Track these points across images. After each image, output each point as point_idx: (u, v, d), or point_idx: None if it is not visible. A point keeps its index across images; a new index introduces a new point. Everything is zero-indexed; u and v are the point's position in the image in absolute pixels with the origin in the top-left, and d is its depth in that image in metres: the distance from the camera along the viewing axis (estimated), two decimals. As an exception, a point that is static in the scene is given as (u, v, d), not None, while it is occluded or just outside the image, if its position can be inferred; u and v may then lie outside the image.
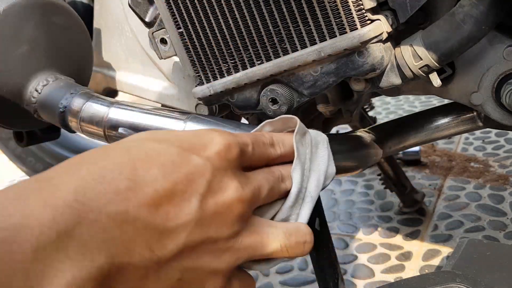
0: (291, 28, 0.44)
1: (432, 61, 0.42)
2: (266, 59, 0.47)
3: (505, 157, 1.08)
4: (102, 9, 0.72)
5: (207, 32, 0.48)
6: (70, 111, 0.56)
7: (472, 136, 1.21)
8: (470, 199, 0.93)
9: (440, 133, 0.57)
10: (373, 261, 0.81)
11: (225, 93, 0.51)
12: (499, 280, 0.44)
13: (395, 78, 0.44)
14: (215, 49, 0.49)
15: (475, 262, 0.47)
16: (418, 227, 0.88)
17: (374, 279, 0.76)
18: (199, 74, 0.52)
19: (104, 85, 0.77)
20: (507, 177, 0.99)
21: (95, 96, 0.56)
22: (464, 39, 0.40)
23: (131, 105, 0.54)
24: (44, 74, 0.60)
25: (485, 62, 0.45)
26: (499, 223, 0.84)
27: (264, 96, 0.49)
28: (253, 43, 0.47)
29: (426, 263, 0.78)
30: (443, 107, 0.57)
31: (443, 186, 1.00)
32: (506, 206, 0.88)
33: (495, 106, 0.46)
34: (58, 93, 0.58)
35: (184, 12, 0.48)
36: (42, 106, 0.59)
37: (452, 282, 0.43)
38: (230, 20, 0.47)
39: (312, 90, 0.47)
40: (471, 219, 0.87)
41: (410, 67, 0.43)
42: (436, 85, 0.43)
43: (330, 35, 0.43)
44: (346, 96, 0.57)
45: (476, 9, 0.39)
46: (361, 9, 0.41)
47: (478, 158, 1.10)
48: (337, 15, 0.42)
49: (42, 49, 0.60)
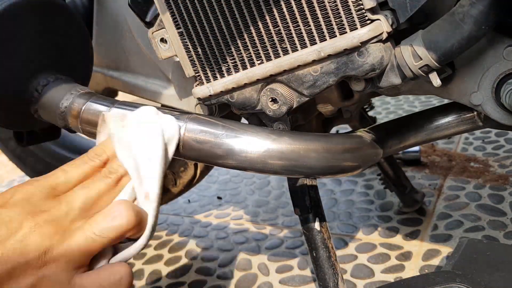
0: (291, 28, 0.45)
1: (432, 61, 0.42)
2: (266, 59, 0.47)
3: (505, 157, 1.08)
4: (102, 9, 0.72)
5: (207, 32, 0.48)
6: (70, 111, 0.56)
7: (472, 136, 1.22)
8: (470, 199, 0.93)
9: (440, 133, 0.57)
10: (373, 261, 0.81)
11: (225, 93, 0.51)
12: (499, 280, 0.44)
13: (395, 78, 0.44)
14: (215, 49, 0.49)
15: (475, 262, 0.47)
16: (418, 227, 0.88)
17: (374, 279, 0.76)
18: (199, 74, 0.52)
19: (104, 85, 0.77)
20: (507, 177, 0.99)
21: (96, 96, 0.56)
22: (463, 39, 0.40)
23: (132, 105, 0.54)
24: (44, 74, 0.60)
25: (485, 62, 0.45)
26: (499, 223, 0.84)
27: (264, 96, 0.49)
28: (253, 43, 0.47)
29: (426, 263, 0.78)
30: (443, 107, 0.57)
31: (443, 186, 1.00)
32: (506, 206, 0.88)
33: (495, 106, 0.46)
34: (58, 93, 0.58)
35: (184, 12, 0.48)
36: (42, 106, 0.59)
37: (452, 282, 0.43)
38: (230, 20, 0.47)
39: (312, 90, 0.47)
40: (471, 219, 0.87)
41: (410, 67, 0.43)
42: (436, 85, 0.43)
43: (330, 35, 0.43)
44: (346, 96, 0.57)
45: (476, 9, 0.39)
46: (361, 9, 0.41)
47: (478, 158, 1.10)
48: (337, 15, 0.42)
49: (42, 49, 0.60)
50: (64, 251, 0.37)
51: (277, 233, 0.95)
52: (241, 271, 0.85)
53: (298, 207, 0.60)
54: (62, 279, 0.37)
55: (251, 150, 0.45)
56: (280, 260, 0.86)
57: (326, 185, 1.11)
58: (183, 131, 0.47)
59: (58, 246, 0.37)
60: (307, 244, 0.61)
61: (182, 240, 1.00)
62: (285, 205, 1.06)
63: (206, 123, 0.47)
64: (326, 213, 0.83)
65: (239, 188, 1.19)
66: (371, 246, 0.85)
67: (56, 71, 0.61)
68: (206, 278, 0.85)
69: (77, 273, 0.38)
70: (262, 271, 0.84)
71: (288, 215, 1.01)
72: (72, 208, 0.40)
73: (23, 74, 0.59)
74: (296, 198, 0.61)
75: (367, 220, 0.93)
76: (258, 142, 0.46)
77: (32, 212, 0.38)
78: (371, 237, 0.88)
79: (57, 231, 0.38)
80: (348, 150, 0.50)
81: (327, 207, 1.00)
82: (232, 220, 1.05)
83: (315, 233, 0.59)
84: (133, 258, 0.96)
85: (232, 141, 0.45)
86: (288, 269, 0.83)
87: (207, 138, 0.46)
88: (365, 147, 0.52)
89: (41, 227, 0.37)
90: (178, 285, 0.85)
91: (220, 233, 1.00)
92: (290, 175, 0.49)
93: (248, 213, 1.06)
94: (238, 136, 0.46)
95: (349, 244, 0.87)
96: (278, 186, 1.16)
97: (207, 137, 0.46)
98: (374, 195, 1.03)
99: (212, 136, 0.46)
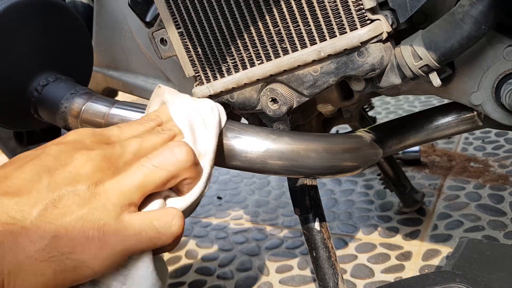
0: (291, 28, 0.45)
1: (432, 61, 0.42)
2: (266, 59, 0.47)
3: (505, 157, 1.08)
4: (102, 9, 0.72)
5: (207, 32, 0.48)
6: (70, 111, 0.56)
7: (472, 136, 1.22)
8: (470, 199, 0.93)
9: (440, 133, 0.57)
10: (373, 261, 0.81)
11: (225, 93, 0.51)
12: (499, 280, 0.44)
13: (395, 78, 0.44)
14: (215, 49, 0.49)
15: (475, 262, 0.47)
16: (418, 227, 0.88)
17: (374, 279, 0.76)
18: (199, 74, 0.52)
19: (104, 85, 0.77)
20: (507, 177, 0.99)
21: (96, 96, 0.56)
22: (463, 39, 0.40)
23: (132, 105, 0.54)
24: (44, 74, 0.60)
25: (485, 62, 0.45)
26: (499, 223, 0.84)
27: (264, 96, 0.49)
28: (253, 43, 0.47)
29: (426, 263, 0.78)
30: (443, 107, 0.57)
31: (443, 186, 1.00)
32: (506, 206, 0.88)
33: (495, 106, 0.46)
34: (59, 93, 0.58)
35: (184, 12, 0.48)
36: (42, 106, 0.59)
37: (452, 282, 0.43)
38: (230, 20, 0.47)
39: (312, 90, 0.47)
40: (471, 219, 0.87)
41: (410, 67, 0.43)
42: (436, 85, 0.43)
43: (330, 35, 0.43)
44: (346, 96, 0.57)
45: (476, 9, 0.39)
46: (361, 9, 0.41)
47: (478, 158, 1.10)
48: (337, 15, 0.42)
49: (42, 49, 0.60)
50: (117, 184, 0.35)
51: (277, 233, 0.95)
52: (241, 271, 0.85)
53: (298, 207, 0.60)
54: (110, 213, 0.34)
55: (251, 150, 0.45)
56: (280, 260, 0.86)
57: (326, 185, 1.11)
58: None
59: (111, 179, 0.35)
60: (307, 244, 0.61)
61: (182, 240, 1.00)
62: (285, 205, 1.06)
63: (206, 123, 0.47)
64: (326, 213, 0.83)
65: (239, 188, 1.19)
66: (371, 246, 0.85)
67: (56, 71, 0.61)
68: (206, 278, 0.85)
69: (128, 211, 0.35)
70: (262, 271, 0.84)
71: (288, 215, 1.01)
72: (126, 151, 0.37)
73: (23, 74, 0.59)
74: (296, 198, 0.61)
75: (367, 220, 0.93)
76: (258, 142, 0.46)
77: (85, 148, 0.36)
78: (371, 237, 0.88)
79: (110, 167, 0.36)
80: (348, 150, 0.50)
81: (327, 207, 1.00)
82: (232, 220, 1.05)
83: (315, 233, 0.59)
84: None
85: (232, 141, 0.45)
86: (288, 269, 0.83)
87: (207, 138, 0.46)
88: (365, 147, 0.52)
89: (93, 160, 0.35)
90: (178, 285, 0.85)
91: (220, 233, 1.00)
92: (290, 175, 0.49)
93: (248, 213, 1.06)
94: (238, 136, 0.46)
95: (349, 244, 0.87)
96: (278, 186, 1.16)
97: (207, 137, 0.46)
98: (374, 195, 1.03)
99: (212, 136, 0.46)
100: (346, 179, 1.12)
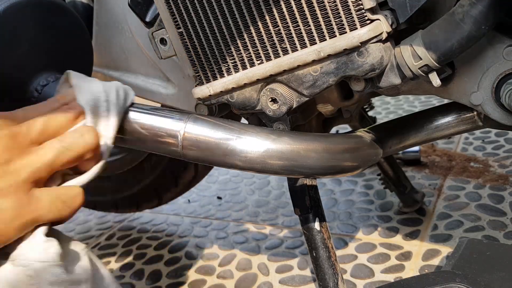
0: (291, 28, 0.45)
1: (431, 61, 0.42)
2: (266, 59, 0.47)
3: (505, 157, 1.08)
4: (102, 9, 0.72)
5: (207, 32, 0.48)
6: (70, 111, 0.56)
7: (472, 136, 1.22)
8: (470, 199, 0.93)
9: (440, 132, 0.57)
10: (372, 261, 0.81)
11: (225, 93, 0.51)
12: (499, 280, 0.44)
13: (394, 78, 0.44)
14: (215, 49, 0.49)
15: (475, 262, 0.47)
16: (418, 227, 0.88)
17: (374, 279, 0.76)
18: (199, 74, 0.52)
19: (104, 85, 0.77)
20: (507, 177, 0.99)
21: (95, 96, 0.56)
22: (463, 39, 0.40)
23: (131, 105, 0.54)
24: (44, 74, 0.60)
25: (484, 62, 0.45)
26: (499, 223, 0.84)
27: (264, 96, 0.49)
28: (253, 43, 0.47)
29: (426, 263, 0.78)
30: (443, 107, 0.57)
31: (443, 186, 1.00)
32: (506, 206, 0.88)
33: (495, 106, 0.46)
34: (58, 93, 0.58)
35: (184, 12, 0.48)
36: (42, 106, 0.59)
37: (452, 282, 0.43)
38: (230, 20, 0.47)
39: (311, 90, 0.47)
40: (471, 219, 0.87)
41: (409, 67, 0.43)
42: (435, 85, 0.43)
43: (330, 35, 0.43)
44: (346, 96, 0.57)
45: (476, 9, 0.39)
46: (360, 9, 0.41)
47: (478, 158, 1.10)
48: (337, 15, 0.42)
49: (42, 49, 0.60)
50: (28, 162, 0.38)
51: (277, 233, 0.95)
52: (241, 271, 0.85)
53: (298, 207, 0.60)
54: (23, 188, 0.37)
55: (251, 150, 0.45)
56: (280, 260, 0.86)
57: (326, 185, 1.11)
58: (183, 132, 0.47)
59: (21, 157, 0.38)
60: (307, 244, 0.61)
61: (182, 240, 1.00)
62: (285, 205, 1.06)
63: (206, 123, 0.47)
64: (326, 213, 0.83)
65: (239, 188, 1.19)
66: (371, 246, 0.85)
67: (56, 71, 0.61)
68: (206, 278, 0.85)
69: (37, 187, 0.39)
70: (262, 271, 0.84)
71: (288, 215, 1.01)
72: (32, 130, 0.40)
73: (23, 74, 0.59)
74: (296, 198, 0.61)
75: (367, 220, 0.93)
76: (258, 142, 0.45)
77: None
78: (371, 237, 0.88)
79: (18, 146, 0.39)
80: (348, 150, 0.50)
81: (327, 207, 1.00)
82: (232, 220, 1.05)
83: (315, 233, 0.59)
84: (133, 258, 0.96)
85: (232, 141, 0.45)
86: (288, 269, 0.83)
87: (207, 138, 0.46)
88: (365, 147, 0.52)
89: (1, 139, 0.38)
90: (178, 285, 0.85)
91: (220, 233, 1.00)
92: (290, 175, 0.49)
93: (248, 213, 1.06)
94: (238, 136, 0.46)
95: (349, 244, 0.87)
96: (278, 186, 1.16)
97: (207, 137, 0.46)
98: (374, 195, 1.03)
99: (212, 136, 0.46)
100: (346, 179, 1.12)
